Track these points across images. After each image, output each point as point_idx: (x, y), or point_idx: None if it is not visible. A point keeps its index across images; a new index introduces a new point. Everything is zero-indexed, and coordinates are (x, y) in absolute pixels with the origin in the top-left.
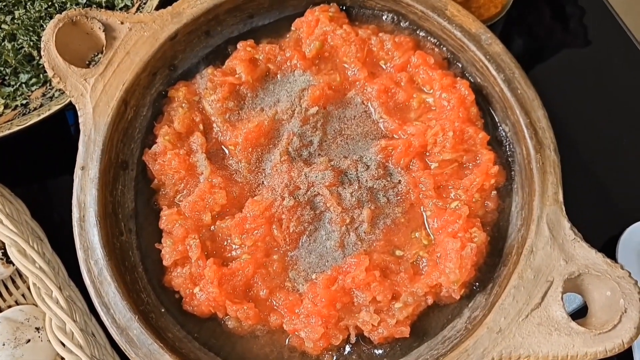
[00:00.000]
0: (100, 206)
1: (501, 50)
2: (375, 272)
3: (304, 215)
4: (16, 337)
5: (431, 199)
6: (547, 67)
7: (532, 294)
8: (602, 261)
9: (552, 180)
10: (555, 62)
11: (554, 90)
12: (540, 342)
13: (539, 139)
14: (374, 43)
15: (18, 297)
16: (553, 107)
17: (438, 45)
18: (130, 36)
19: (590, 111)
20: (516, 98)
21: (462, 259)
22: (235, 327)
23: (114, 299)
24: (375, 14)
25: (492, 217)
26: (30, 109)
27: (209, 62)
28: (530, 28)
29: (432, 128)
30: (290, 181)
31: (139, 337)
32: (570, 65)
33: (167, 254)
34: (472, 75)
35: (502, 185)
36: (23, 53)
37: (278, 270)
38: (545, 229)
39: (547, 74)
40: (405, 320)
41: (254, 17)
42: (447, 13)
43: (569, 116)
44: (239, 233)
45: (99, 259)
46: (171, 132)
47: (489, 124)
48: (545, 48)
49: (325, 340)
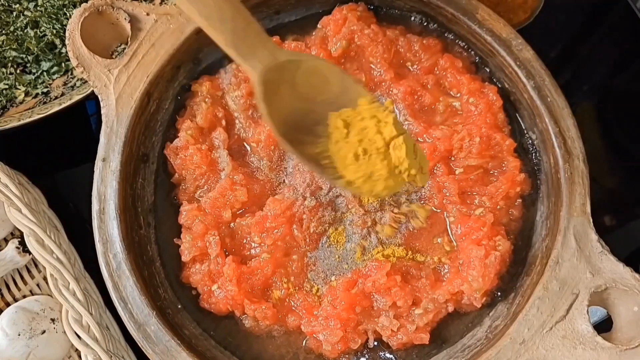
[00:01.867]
0: (120, 199)
1: (532, 56)
2: (397, 276)
3: (325, 216)
4: (32, 328)
5: (455, 205)
6: (575, 74)
7: (557, 306)
8: (630, 275)
9: (580, 191)
10: (584, 70)
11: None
12: (565, 355)
13: (568, 149)
14: (402, 44)
15: (33, 286)
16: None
17: (466, 49)
18: (155, 28)
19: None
20: (546, 106)
21: (486, 267)
22: (252, 326)
23: (132, 293)
24: (404, 14)
25: (516, 225)
26: (51, 98)
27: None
28: (560, 34)
29: (458, 133)
30: (312, 181)
31: (157, 333)
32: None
33: (186, 249)
34: (500, 81)
35: (527, 193)
36: (45, 41)
37: (297, 271)
38: (572, 241)
39: (576, 81)
40: (425, 326)
41: (280, 13)
42: (478, 17)
43: (596, 124)
44: (259, 231)
45: (118, 252)
46: (193, 127)
47: (515, 131)
48: (574, 55)
49: (344, 343)
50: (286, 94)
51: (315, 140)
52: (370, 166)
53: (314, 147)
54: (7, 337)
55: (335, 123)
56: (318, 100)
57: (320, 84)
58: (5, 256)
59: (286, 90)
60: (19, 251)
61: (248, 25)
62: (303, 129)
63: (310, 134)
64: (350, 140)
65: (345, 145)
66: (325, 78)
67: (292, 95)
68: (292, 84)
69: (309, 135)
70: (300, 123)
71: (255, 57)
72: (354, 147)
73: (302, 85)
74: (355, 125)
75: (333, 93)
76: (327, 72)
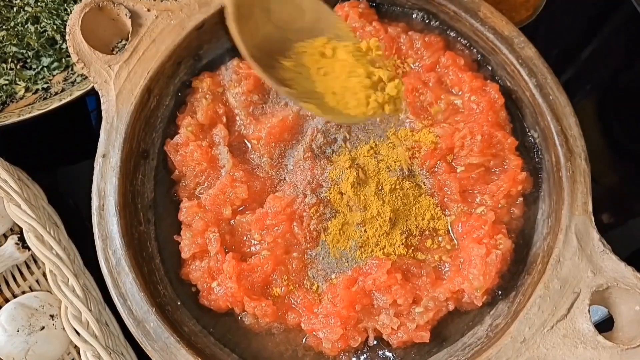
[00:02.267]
0: (120, 195)
1: (534, 54)
2: (397, 274)
3: (326, 214)
4: (30, 324)
5: (456, 203)
6: (576, 73)
7: (558, 304)
8: (631, 275)
9: (582, 190)
10: (585, 68)
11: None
12: (565, 354)
13: (570, 147)
14: (404, 41)
15: (32, 283)
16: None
17: (468, 46)
18: (156, 24)
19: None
20: (548, 104)
21: (487, 266)
22: (251, 323)
23: (132, 290)
24: (405, 12)
25: (517, 224)
26: (51, 94)
27: (233, 54)
28: (562, 32)
29: (459, 131)
30: (313, 178)
31: (156, 330)
32: (600, 71)
33: (186, 246)
34: (502, 79)
35: (528, 192)
36: (46, 36)
37: (297, 268)
38: (574, 239)
39: (577, 80)
40: (425, 325)
41: None
42: (480, 14)
43: (597, 122)
44: (259, 229)
45: (118, 248)
46: (194, 123)
47: (517, 129)
48: (576, 53)
49: (344, 341)
50: (260, 18)
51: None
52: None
53: (284, 72)
54: (6, 333)
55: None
56: (292, 28)
57: (295, 12)
58: (4, 252)
59: (260, 15)
60: (18, 247)
61: None
62: (276, 53)
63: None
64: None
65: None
66: (299, 7)
67: (266, 20)
68: (266, 9)
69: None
70: (274, 48)
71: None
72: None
73: (276, 12)
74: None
75: (308, 22)
76: (301, 1)
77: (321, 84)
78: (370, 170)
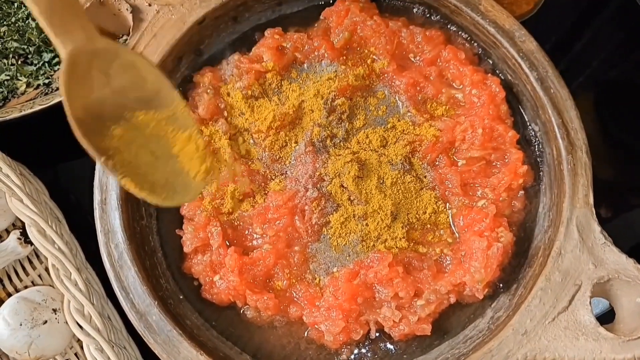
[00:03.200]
0: (122, 189)
1: (535, 47)
2: (399, 267)
3: (327, 208)
4: (33, 318)
5: (457, 196)
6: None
7: (560, 297)
8: (633, 267)
9: (583, 183)
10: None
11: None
12: (567, 346)
13: (571, 140)
14: (405, 36)
15: (34, 277)
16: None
17: (469, 40)
18: (157, 19)
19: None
20: (549, 97)
21: (488, 259)
22: (254, 317)
23: (134, 283)
24: (406, 6)
25: (519, 217)
26: (52, 89)
27: (235, 49)
28: (563, 26)
29: (460, 124)
30: (314, 172)
31: (158, 323)
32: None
33: (188, 240)
34: (502, 73)
35: (529, 185)
36: None
37: (299, 262)
38: (575, 232)
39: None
40: (427, 317)
41: (282, 4)
42: (481, 8)
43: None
44: (260, 222)
45: (120, 242)
46: (195, 118)
47: (518, 123)
48: (576, 47)
49: (346, 334)
50: (97, 81)
51: (116, 134)
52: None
53: (111, 140)
54: (9, 327)
55: (140, 122)
56: (131, 96)
57: (136, 81)
58: (7, 247)
59: (98, 77)
60: (20, 242)
61: (69, 4)
62: (108, 120)
63: (115, 126)
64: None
65: (140, 145)
66: (141, 76)
67: (104, 84)
68: (105, 73)
69: (111, 128)
70: (107, 113)
71: (68, 35)
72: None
73: (116, 78)
74: (153, 127)
75: (148, 92)
76: (144, 71)
77: (147, 157)
78: (371, 163)
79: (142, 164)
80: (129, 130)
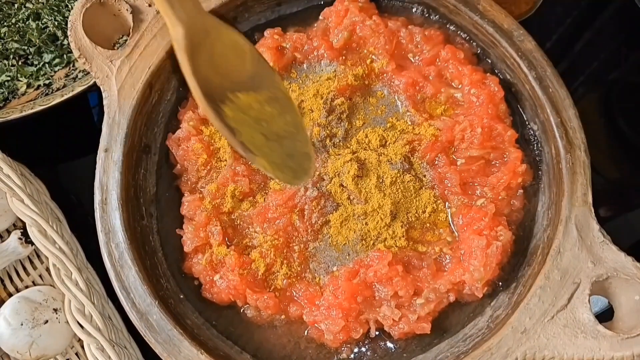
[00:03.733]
0: (122, 189)
1: (533, 47)
2: (398, 266)
3: (327, 207)
4: (34, 318)
5: (456, 195)
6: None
7: (559, 295)
8: (631, 265)
9: (582, 181)
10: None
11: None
12: (566, 343)
13: (570, 139)
14: (404, 35)
15: (35, 277)
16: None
17: (468, 40)
18: (157, 19)
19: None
20: (547, 96)
21: (488, 257)
22: (254, 316)
23: (134, 283)
24: (405, 6)
25: (518, 216)
26: (53, 89)
27: None
28: (562, 25)
29: (460, 123)
30: (314, 172)
31: (159, 322)
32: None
33: (188, 240)
34: (501, 72)
35: (528, 184)
36: (47, 33)
37: (299, 261)
38: (574, 230)
39: (578, 73)
40: (426, 316)
41: (281, 4)
42: (480, 8)
43: (598, 115)
44: (260, 222)
45: (120, 242)
46: (195, 118)
47: (517, 122)
48: (576, 45)
49: (345, 333)
50: (203, 61)
51: (227, 115)
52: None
53: (227, 120)
54: (10, 326)
55: (243, 103)
56: (231, 76)
57: (236, 61)
58: (8, 247)
59: (204, 57)
60: (21, 242)
61: None
62: (218, 100)
63: (223, 105)
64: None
65: (251, 127)
66: (242, 56)
67: (208, 64)
68: (210, 52)
69: (223, 107)
70: (215, 94)
71: (182, 8)
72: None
73: (219, 57)
74: (257, 109)
75: (246, 73)
76: (246, 51)
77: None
78: (371, 163)
79: (259, 145)
80: (236, 111)
